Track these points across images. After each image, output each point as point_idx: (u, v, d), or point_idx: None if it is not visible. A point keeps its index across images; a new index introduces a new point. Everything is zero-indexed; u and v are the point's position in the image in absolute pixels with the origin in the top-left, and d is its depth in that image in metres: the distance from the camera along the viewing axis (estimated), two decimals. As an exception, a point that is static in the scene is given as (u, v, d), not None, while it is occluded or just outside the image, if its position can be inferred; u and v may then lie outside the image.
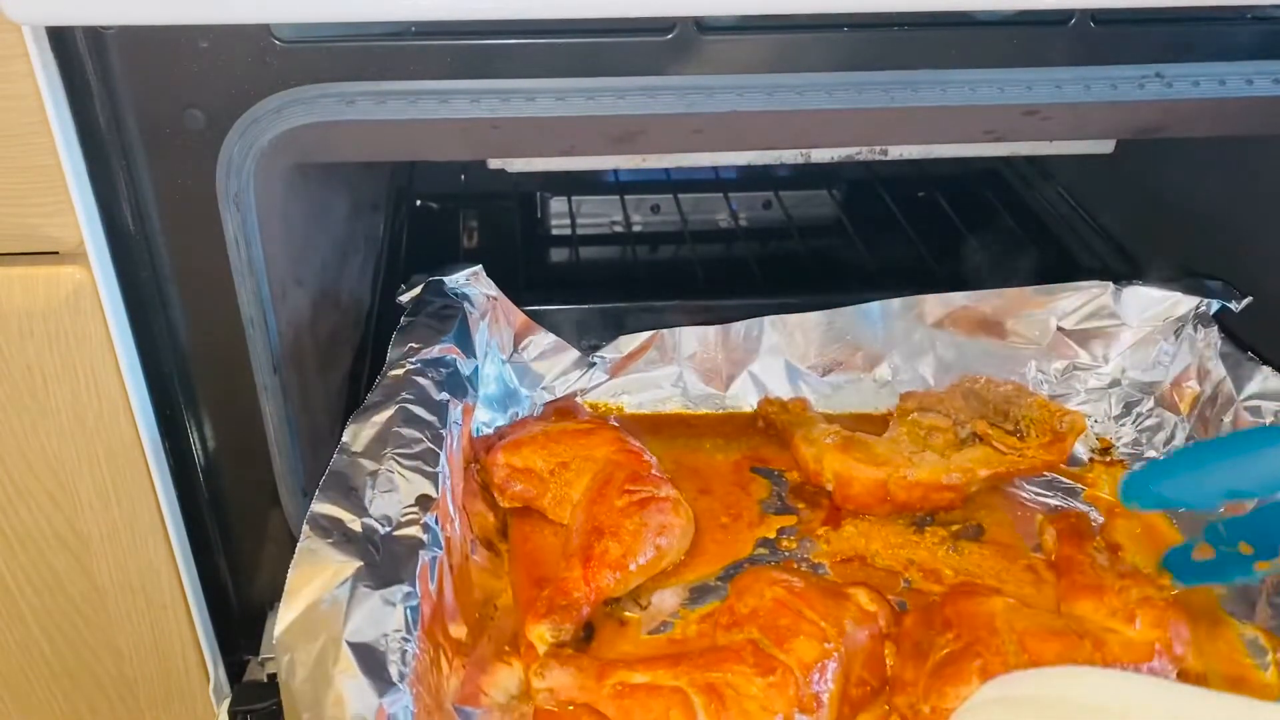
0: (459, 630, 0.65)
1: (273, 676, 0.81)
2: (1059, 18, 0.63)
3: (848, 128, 0.70)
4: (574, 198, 1.19)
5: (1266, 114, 0.67)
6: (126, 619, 0.79)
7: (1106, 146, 0.90)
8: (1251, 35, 0.65)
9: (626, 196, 1.19)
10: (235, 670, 0.85)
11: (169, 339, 0.70)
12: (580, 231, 1.19)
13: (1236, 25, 0.65)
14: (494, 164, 0.88)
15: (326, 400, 0.81)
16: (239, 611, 0.83)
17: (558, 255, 1.17)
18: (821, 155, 0.87)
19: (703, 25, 0.61)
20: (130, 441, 0.71)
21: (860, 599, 0.69)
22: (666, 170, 1.18)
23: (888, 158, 0.88)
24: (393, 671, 0.54)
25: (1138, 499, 0.64)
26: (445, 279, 0.86)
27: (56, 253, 0.64)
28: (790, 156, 0.88)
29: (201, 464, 0.76)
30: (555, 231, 1.19)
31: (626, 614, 0.72)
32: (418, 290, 0.85)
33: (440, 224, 1.17)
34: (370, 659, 0.54)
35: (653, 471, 0.77)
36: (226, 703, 0.78)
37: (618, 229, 1.19)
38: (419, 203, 1.19)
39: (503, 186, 1.15)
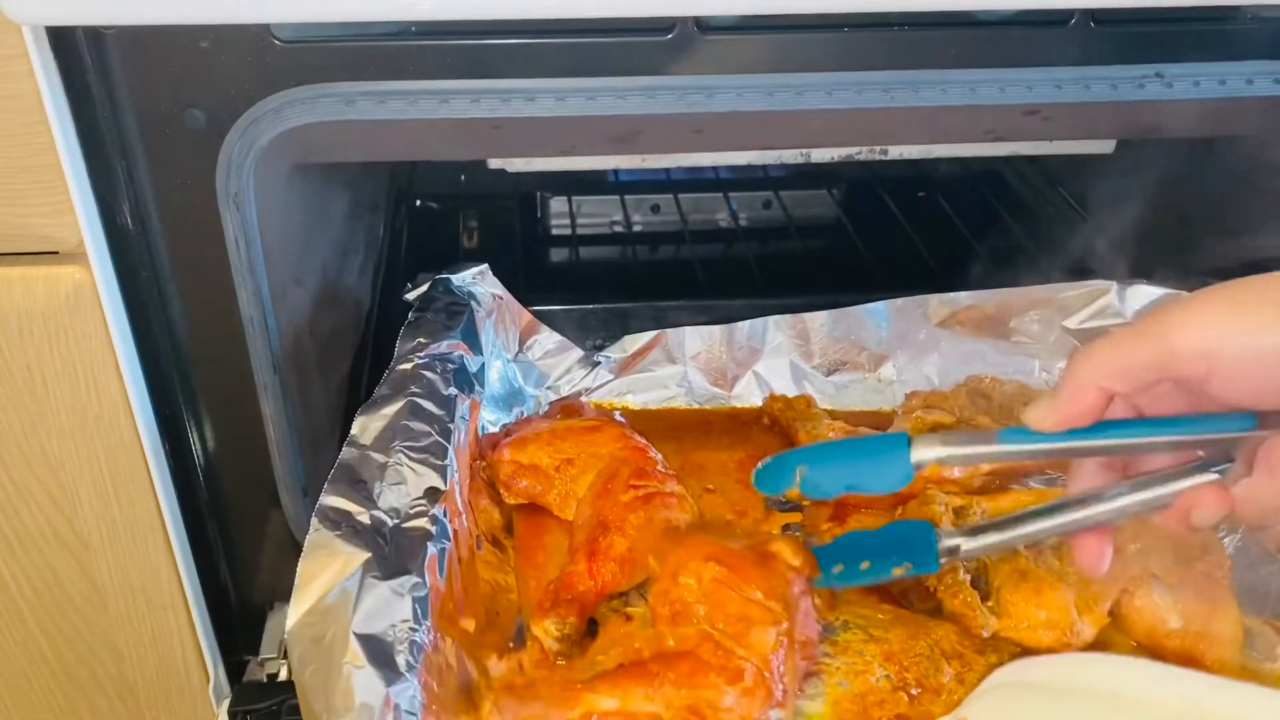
0: (467, 623, 0.65)
1: (273, 676, 0.81)
2: (1059, 18, 0.63)
3: (848, 128, 0.70)
4: (574, 198, 1.19)
5: (1266, 114, 0.67)
6: (126, 619, 0.79)
7: (1106, 146, 0.90)
8: (1251, 35, 0.65)
9: (626, 196, 1.19)
10: (235, 670, 0.85)
11: (169, 339, 0.70)
12: (580, 231, 1.19)
13: (1236, 25, 0.64)
14: (494, 164, 0.88)
15: (326, 400, 0.81)
16: (239, 611, 0.83)
17: (558, 255, 1.18)
18: (821, 155, 0.87)
19: (703, 25, 0.61)
20: (130, 441, 0.71)
21: (785, 554, 0.67)
22: (666, 170, 1.18)
23: (888, 158, 0.88)
24: (400, 662, 0.55)
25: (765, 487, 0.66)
26: (452, 277, 0.86)
27: (56, 253, 0.64)
28: (790, 156, 0.88)
29: (201, 464, 0.76)
30: (555, 231, 1.19)
31: (631, 609, 0.71)
32: (424, 288, 0.85)
33: (440, 224, 1.17)
34: (378, 649, 0.55)
35: (658, 468, 0.77)
36: (226, 703, 0.78)
37: (618, 229, 1.19)
38: (419, 203, 1.19)
39: (503, 186, 1.15)
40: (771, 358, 0.92)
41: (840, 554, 0.68)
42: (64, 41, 0.58)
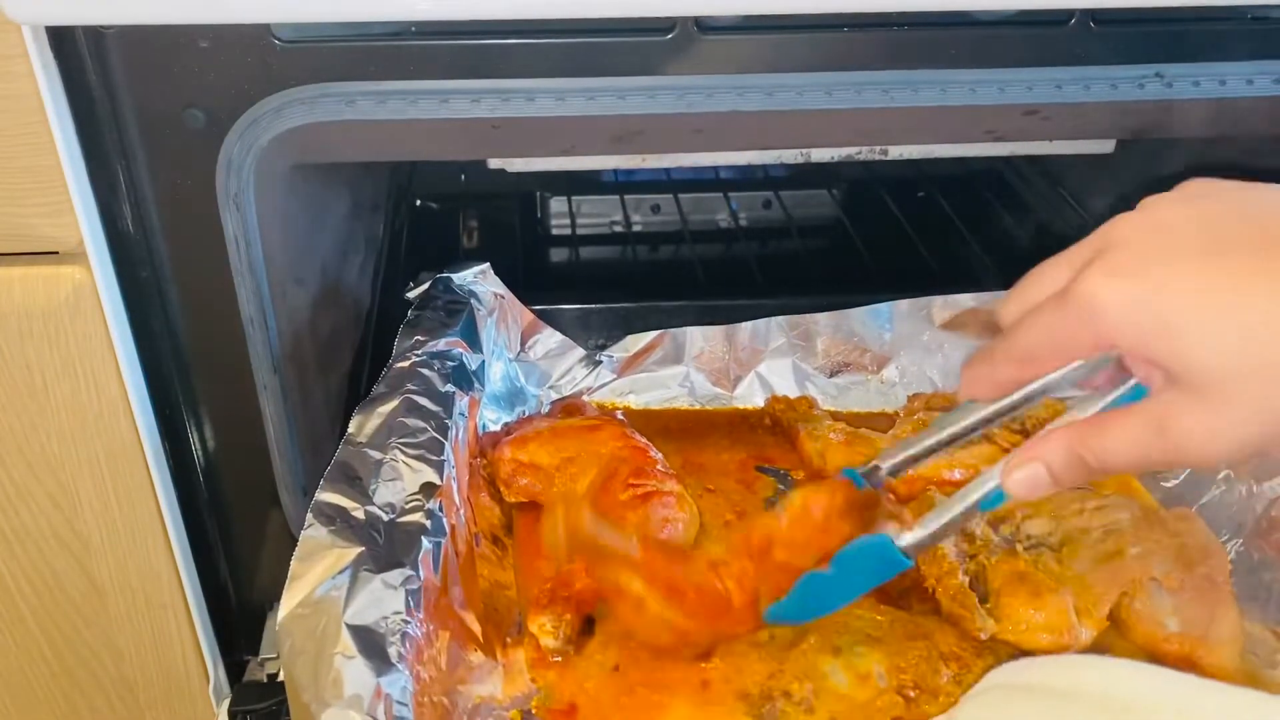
0: (465, 616, 0.65)
1: (272, 676, 0.81)
2: (1059, 18, 0.63)
3: (848, 128, 0.70)
4: (574, 198, 1.19)
5: (1266, 114, 0.67)
6: (126, 619, 0.79)
7: (1106, 146, 0.90)
8: (1251, 35, 0.65)
9: (626, 196, 1.19)
10: (235, 670, 0.85)
11: (169, 339, 0.70)
12: (580, 231, 1.19)
13: (1236, 25, 0.65)
14: (494, 164, 0.88)
15: (326, 400, 0.81)
16: (239, 611, 0.83)
17: (558, 255, 1.18)
18: (821, 155, 0.87)
19: (703, 25, 0.61)
20: (130, 441, 0.71)
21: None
22: (666, 170, 1.18)
23: (888, 158, 0.88)
24: (392, 653, 0.55)
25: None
26: (453, 276, 0.86)
27: (56, 253, 0.64)
28: (790, 156, 0.88)
29: (201, 464, 0.76)
30: (555, 231, 1.19)
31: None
32: (425, 287, 0.85)
33: (440, 224, 1.17)
34: (369, 641, 0.55)
35: (658, 467, 0.77)
36: (226, 703, 0.78)
37: (618, 229, 1.19)
38: (419, 203, 1.19)
39: (503, 186, 1.15)
40: (774, 359, 0.92)
41: (805, 601, 0.60)
42: (64, 41, 0.58)
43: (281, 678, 0.78)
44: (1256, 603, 0.71)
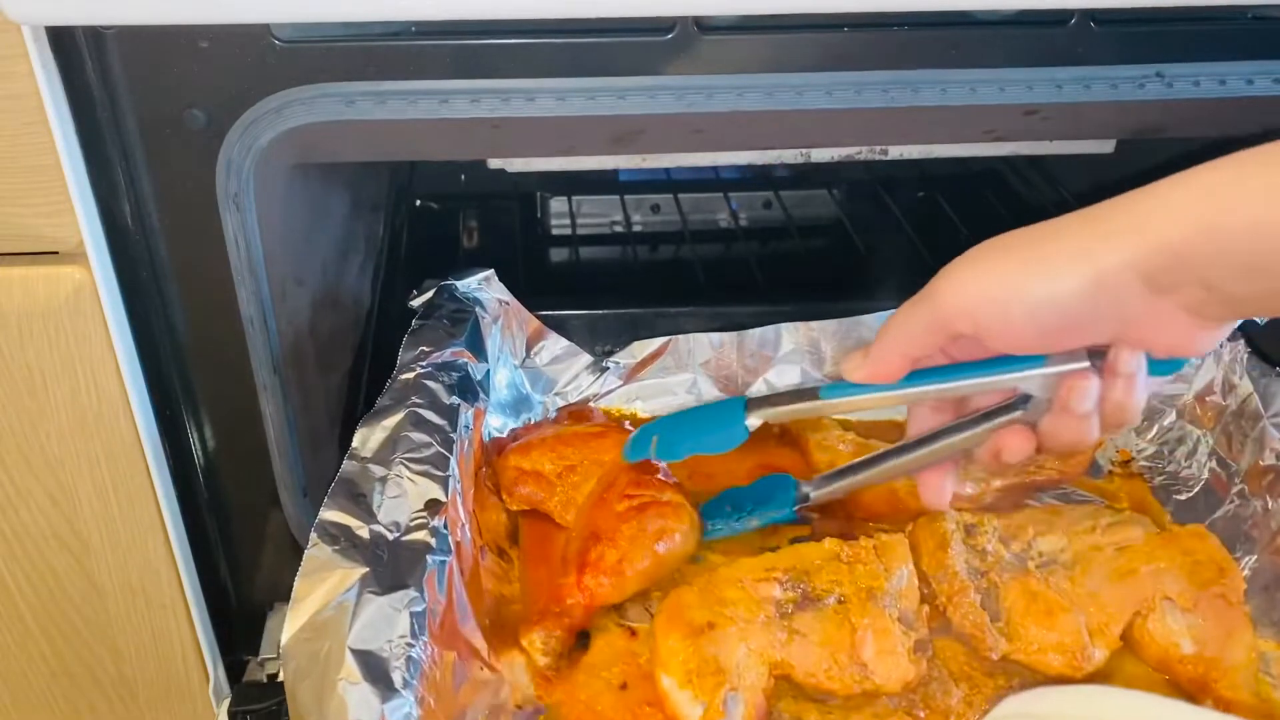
0: (470, 635, 0.64)
1: (272, 676, 0.81)
2: (1059, 18, 0.63)
3: (848, 128, 0.70)
4: (574, 198, 1.19)
5: (1266, 114, 0.67)
6: (126, 619, 0.79)
7: (1106, 146, 0.90)
8: (1251, 35, 0.65)
9: (626, 196, 1.19)
10: (235, 670, 0.85)
11: (169, 339, 0.70)
12: (580, 231, 1.19)
13: (1236, 25, 0.64)
14: (494, 164, 0.87)
15: (326, 400, 0.81)
16: (239, 611, 0.83)
17: (558, 255, 1.18)
18: (821, 155, 0.87)
19: (703, 25, 0.61)
20: (130, 441, 0.71)
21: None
22: (666, 170, 1.18)
23: (888, 158, 0.88)
24: (396, 678, 0.54)
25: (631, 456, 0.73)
26: (457, 284, 0.85)
27: (56, 253, 0.64)
28: (790, 156, 0.88)
29: (201, 464, 0.76)
30: (555, 231, 1.19)
31: (632, 623, 0.70)
32: (430, 295, 0.84)
33: (440, 224, 1.17)
34: (374, 665, 0.54)
35: (658, 475, 0.75)
36: (226, 703, 0.78)
37: (618, 229, 1.19)
38: (419, 203, 1.19)
39: (503, 186, 1.15)
40: (782, 365, 0.90)
41: (718, 510, 0.75)
42: (64, 41, 0.58)
43: (281, 677, 0.78)
44: (1270, 621, 0.71)
